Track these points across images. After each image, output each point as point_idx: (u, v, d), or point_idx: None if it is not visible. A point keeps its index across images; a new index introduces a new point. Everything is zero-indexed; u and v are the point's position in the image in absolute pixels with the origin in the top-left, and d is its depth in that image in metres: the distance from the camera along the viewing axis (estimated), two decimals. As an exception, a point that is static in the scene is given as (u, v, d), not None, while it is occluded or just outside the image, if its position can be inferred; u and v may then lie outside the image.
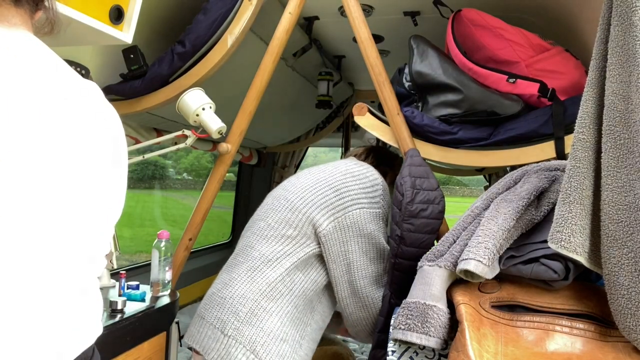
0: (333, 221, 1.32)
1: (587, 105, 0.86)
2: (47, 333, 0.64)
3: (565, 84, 1.53)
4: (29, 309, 0.62)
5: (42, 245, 0.62)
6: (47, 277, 0.64)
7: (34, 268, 0.62)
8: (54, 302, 0.65)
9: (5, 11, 0.68)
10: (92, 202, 0.70)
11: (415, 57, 1.59)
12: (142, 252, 5.80)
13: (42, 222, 0.62)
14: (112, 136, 0.76)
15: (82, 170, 0.68)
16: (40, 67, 0.67)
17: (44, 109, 0.64)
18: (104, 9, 1.11)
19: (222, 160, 1.67)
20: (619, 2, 0.79)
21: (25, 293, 0.61)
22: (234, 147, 1.63)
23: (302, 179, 1.45)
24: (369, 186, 1.40)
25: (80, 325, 0.71)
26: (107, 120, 0.76)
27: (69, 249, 0.67)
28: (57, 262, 0.65)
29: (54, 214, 0.63)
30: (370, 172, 1.45)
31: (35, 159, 0.61)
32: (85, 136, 0.69)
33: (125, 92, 1.67)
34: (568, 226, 0.85)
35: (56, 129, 0.64)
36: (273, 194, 1.49)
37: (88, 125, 0.70)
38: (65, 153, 0.65)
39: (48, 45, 0.72)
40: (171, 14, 1.80)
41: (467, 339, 0.86)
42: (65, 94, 0.68)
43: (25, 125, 0.61)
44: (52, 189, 0.63)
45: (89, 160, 0.69)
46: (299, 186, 1.41)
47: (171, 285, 1.56)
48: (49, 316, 0.64)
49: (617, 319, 0.84)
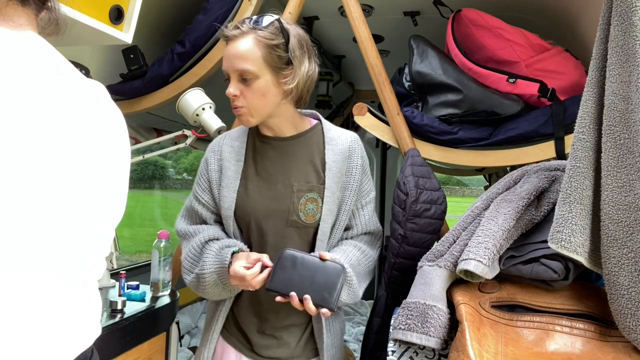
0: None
1: (587, 105, 0.86)
2: (45, 334, 0.64)
3: (565, 84, 1.54)
4: (26, 310, 0.61)
5: (42, 246, 0.62)
6: (46, 278, 0.64)
7: (33, 269, 0.62)
8: (52, 303, 0.65)
9: (12, 11, 0.68)
10: (93, 204, 0.70)
11: (415, 57, 1.60)
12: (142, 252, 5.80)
13: (42, 223, 0.62)
14: (116, 138, 0.76)
15: (83, 172, 0.68)
16: (45, 68, 0.67)
17: (47, 110, 0.64)
18: (104, 9, 1.11)
19: (222, 160, 1.66)
20: (619, 2, 0.79)
21: (23, 294, 0.61)
22: (234, 147, 1.63)
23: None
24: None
25: (79, 327, 0.71)
26: (112, 122, 0.75)
27: (69, 251, 0.66)
28: (57, 263, 0.65)
29: (55, 215, 0.63)
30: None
31: (37, 160, 0.61)
32: (89, 138, 0.69)
33: (125, 92, 1.67)
34: (568, 226, 0.85)
35: (59, 130, 0.64)
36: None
37: (92, 127, 0.70)
38: (67, 154, 0.65)
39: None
40: (171, 14, 1.80)
41: (467, 339, 0.86)
42: (69, 96, 0.67)
43: (27, 127, 0.61)
44: (52, 190, 0.63)
45: (91, 161, 0.69)
46: None
47: (171, 285, 1.56)
48: (46, 318, 0.64)
49: (617, 319, 0.84)
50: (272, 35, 1.09)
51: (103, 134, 0.72)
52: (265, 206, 1.17)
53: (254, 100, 1.11)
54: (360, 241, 1.25)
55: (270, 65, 1.09)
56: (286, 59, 1.10)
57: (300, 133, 1.22)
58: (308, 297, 1.02)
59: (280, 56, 1.10)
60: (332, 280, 1.04)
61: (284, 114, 1.18)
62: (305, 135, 1.22)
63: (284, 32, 1.11)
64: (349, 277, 1.14)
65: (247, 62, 1.08)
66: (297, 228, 1.17)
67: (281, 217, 1.16)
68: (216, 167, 1.22)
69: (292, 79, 1.11)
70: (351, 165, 1.21)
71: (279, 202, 1.16)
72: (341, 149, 1.21)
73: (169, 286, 1.54)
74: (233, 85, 1.11)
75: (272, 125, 1.19)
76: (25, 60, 0.65)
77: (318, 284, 1.04)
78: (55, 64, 0.69)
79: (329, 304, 1.03)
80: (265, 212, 1.17)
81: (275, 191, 1.17)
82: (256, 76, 1.09)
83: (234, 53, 1.09)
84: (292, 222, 1.16)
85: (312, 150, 1.21)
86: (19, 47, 0.65)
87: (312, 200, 1.16)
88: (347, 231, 1.25)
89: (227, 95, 1.13)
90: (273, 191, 1.18)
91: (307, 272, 1.05)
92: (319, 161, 1.19)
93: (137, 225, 8.01)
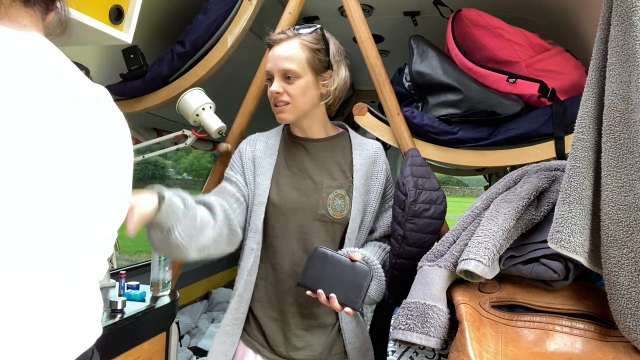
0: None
1: (587, 105, 0.86)
2: (44, 335, 0.64)
3: (565, 84, 1.54)
4: (25, 310, 0.61)
5: (42, 246, 0.62)
6: (45, 278, 0.63)
7: (32, 269, 0.62)
8: (51, 303, 0.65)
9: (16, 12, 0.68)
10: (96, 205, 0.70)
11: (415, 57, 1.60)
12: (142, 252, 5.80)
13: (43, 224, 0.62)
14: (119, 140, 0.75)
15: (86, 173, 0.67)
16: (48, 69, 0.67)
17: (50, 111, 0.63)
18: (103, 9, 1.11)
19: (222, 160, 1.67)
20: (619, 2, 0.79)
21: (23, 294, 0.61)
22: (234, 147, 1.63)
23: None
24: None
25: (79, 327, 0.71)
26: (115, 125, 0.75)
27: (69, 251, 0.66)
28: (57, 263, 0.65)
29: (57, 216, 0.63)
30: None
31: (37, 160, 0.61)
32: (92, 139, 0.69)
33: (125, 92, 1.67)
34: (568, 226, 0.85)
35: (61, 131, 0.64)
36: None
37: (95, 129, 0.70)
38: (67, 155, 0.65)
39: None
40: (171, 14, 1.80)
41: (467, 339, 0.86)
42: (73, 97, 0.67)
43: (30, 128, 0.61)
44: (54, 191, 0.63)
45: (92, 163, 0.69)
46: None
47: (171, 285, 1.56)
48: (46, 318, 0.64)
49: (617, 319, 0.84)
50: (315, 40, 1.20)
51: (107, 136, 0.72)
52: (295, 199, 1.22)
53: (296, 96, 1.19)
54: (385, 242, 1.33)
55: (312, 67, 1.20)
56: (326, 63, 1.22)
57: (329, 137, 1.31)
58: (334, 295, 1.07)
59: (321, 60, 1.21)
60: (359, 281, 1.08)
61: (316, 116, 1.28)
62: (334, 139, 1.31)
63: (325, 39, 1.22)
64: (379, 274, 1.20)
65: (292, 62, 1.18)
66: (325, 223, 1.22)
67: (310, 211, 1.21)
68: (250, 157, 1.28)
69: (332, 82, 1.22)
70: (376, 169, 1.30)
71: (309, 196, 1.22)
72: (368, 154, 1.29)
73: (169, 286, 1.54)
74: (276, 84, 1.20)
75: (304, 126, 1.28)
76: (27, 61, 0.65)
77: (345, 283, 1.08)
78: (58, 65, 0.69)
79: (354, 303, 1.07)
80: (294, 205, 1.22)
81: (305, 185, 1.23)
82: (299, 75, 1.18)
83: (280, 55, 1.19)
84: (320, 216, 1.21)
85: (340, 153, 1.29)
86: (22, 48, 0.65)
87: (340, 196, 1.22)
88: (371, 234, 1.32)
89: (269, 94, 1.21)
90: (303, 185, 1.23)
91: (335, 271, 1.09)
92: (346, 164, 1.27)
93: (137, 225, 7.97)
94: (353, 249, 1.17)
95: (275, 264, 1.23)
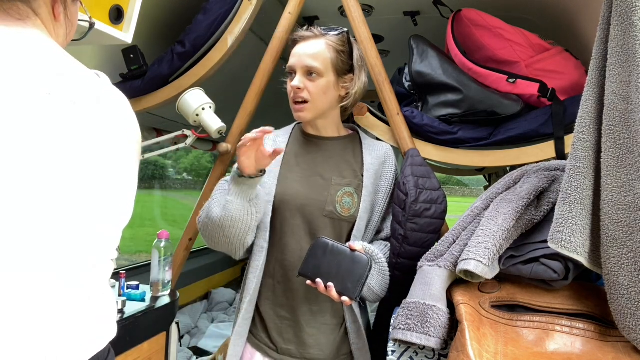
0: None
1: (587, 105, 0.86)
2: (52, 335, 0.64)
3: (565, 84, 1.54)
4: (30, 311, 0.61)
5: (40, 247, 0.62)
6: (44, 278, 0.63)
7: (31, 269, 0.61)
8: (52, 304, 0.64)
9: (15, 8, 0.68)
10: (95, 205, 0.69)
11: (415, 57, 1.60)
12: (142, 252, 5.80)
13: (48, 224, 0.62)
14: (126, 140, 0.74)
15: (86, 173, 0.67)
16: (46, 69, 0.66)
17: (49, 111, 0.63)
18: (103, 9, 1.11)
19: (222, 160, 1.67)
20: (619, 2, 0.79)
21: (24, 294, 0.61)
22: (234, 147, 1.63)
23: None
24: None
25: (90, 328, 0.70)
26: (123, 124, 0.74)
27: (68, 252, 0.66)
28: (56, 264, 0.65)
29: (54, 215, 0.63)
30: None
31: (38, 161, 0.61)
32: (92, 139, 0.68)
33: (125, 92, 1.66)
34: (568, 226, 0.85)
35: (61, 131, 0.64)
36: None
37: (99, 129, 0.69)
38: (67, 155, 0.64)
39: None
40: (171, 14, 1.80)
41: (467, 338, 0.86)
42: (73, 97, 0.66)
43: (30, 128, 0.60)
44: (56, 192, 0.62)
45: (95, 163, 0.68)
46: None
47: (171, 285, 1.56)
48: (46, 318, 0.64)
49: (617, 319, 0.84)
50: (340, 42, 1.22)
51: (106, 136, 0.71)
52: (304, 195, 1.22)
53: (315, 94, 1.21)
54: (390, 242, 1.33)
55: (335, 68, 1.21)
56: (348, 67, 1.24)
57: (341, 136, 1.33)
58: (331, 285, 1.07)
59: (344, 62, 1.23)
60: (357, 271, 1.08)
61: (332, 117, 1.30)
62: (345, 139, 1.33)
63: (350, 43, 1.24)
64: (383, 268, 1.21)
65: (317, 60, 1.20)
66: (332, 219, 1.22)
67: (318, 207, 1.22)
68: None
69: (353, 85, 1.25)
70: (385, 170, 1.31)
71: (317, 192, 1.23)
72: (378, 154, 1.31)
73: (168, 286, 1.54)
74: (298, 79, 1.21)
75: (318, 126, 1.30)
76: (23, 62, 0.64)
77: (344, 273, 1.08)
78: (56, 65, 0.68)
79: (351, 293, 1.06)
80: (303, 201, 1.22)
81: (314, 182, 1.24)
82: (321, 74, 1.20)
83: (305, 51, 1.21)
84: (328, 212, 1.21)
85: (351, 152, 1.30)
86: (17, 48, 0.65)
87: (349, 194, 1.23)
88: (377, 234, 1.33)
89: (290, 88, 1.22)
90: (312, 182, 1.24)
91: (335, 261, 1.09)
92: (357, 163, 1.29)
93: (137, 225, 8.02)
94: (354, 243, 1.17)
95: (283, 260, 1.23)
